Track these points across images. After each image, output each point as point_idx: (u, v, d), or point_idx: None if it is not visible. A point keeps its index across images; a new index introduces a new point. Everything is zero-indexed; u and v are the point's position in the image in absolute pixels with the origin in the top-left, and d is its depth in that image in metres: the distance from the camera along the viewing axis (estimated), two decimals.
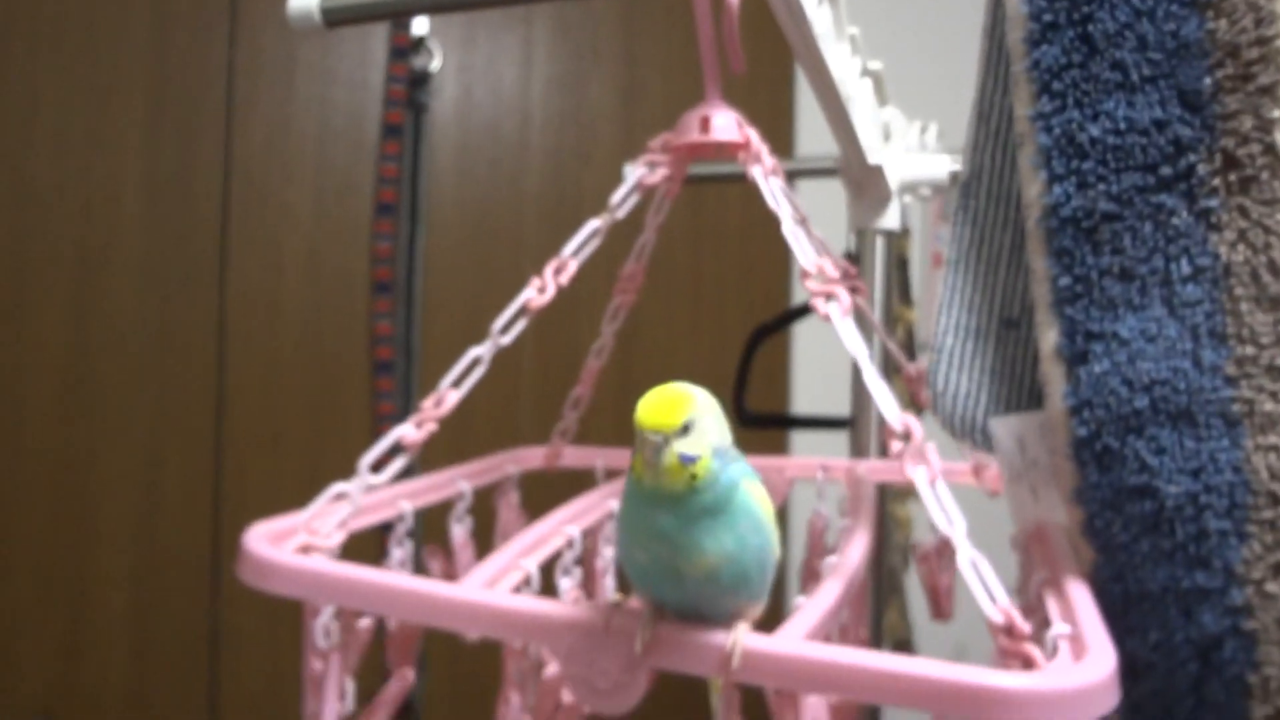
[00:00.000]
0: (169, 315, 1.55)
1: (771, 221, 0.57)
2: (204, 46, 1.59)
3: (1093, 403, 0.52)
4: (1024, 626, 0.43)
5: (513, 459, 0.82)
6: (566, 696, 0.61)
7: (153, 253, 1.54)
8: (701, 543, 0.41)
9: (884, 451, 0.92)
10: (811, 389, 1.95)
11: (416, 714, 0.97)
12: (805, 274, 0.54)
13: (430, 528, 0.84)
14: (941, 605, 0.87)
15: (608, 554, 0.72)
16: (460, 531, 0.76)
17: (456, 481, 0.74)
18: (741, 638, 0.41)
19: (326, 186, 1.63)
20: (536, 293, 0.60)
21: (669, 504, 0.41)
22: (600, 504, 0.70)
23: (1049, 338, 0.54)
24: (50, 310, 1.49)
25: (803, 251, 0.55)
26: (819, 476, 0.83)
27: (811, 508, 0.82)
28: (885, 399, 0.49)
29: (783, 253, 1.95)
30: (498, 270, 1.72)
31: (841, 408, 1.00)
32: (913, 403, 0.79)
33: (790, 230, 0.55)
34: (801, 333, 1.97)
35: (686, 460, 0.40)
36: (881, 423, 0.91)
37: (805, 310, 1.20)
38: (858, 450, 0.92)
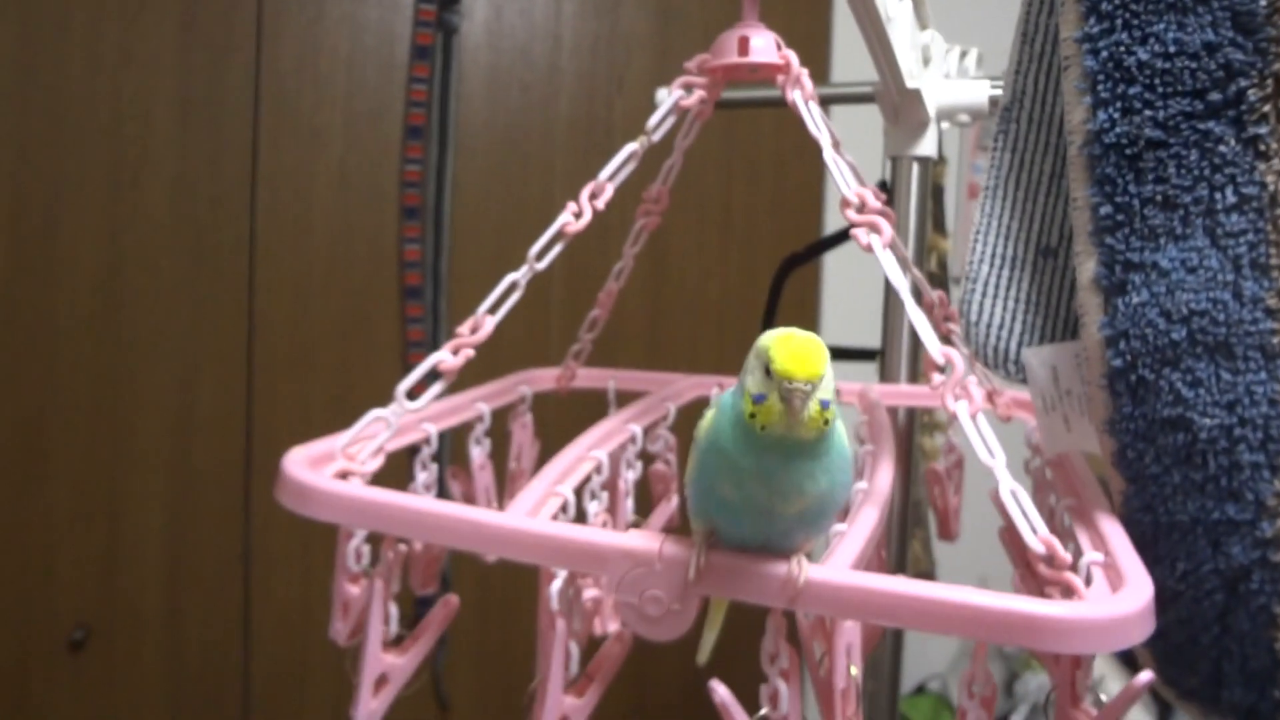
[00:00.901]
0: (200, 236, 1.56)
1: (805, 150, 0.56)
2: None
3: (1129, 334, 0.51)
4: (1065, 556, 0.43)
5: (525, 379, 0.82)
6: (610, 624, 0.62)
7: (184, 173, 1.55)
8: (803, 485, 0.41)
9: (913, 383, 0.92)
10: (840, 320, 1.95)
11: (441, 636, 0.99)
12: (845, 203, 0.53)
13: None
14: (949, 525, 0.88)
15: (630, 477, 0.73)
16: (479, 453, 0.77)
17: (476, 404, 0.74)
18: (806, 567, 0.41)
19: (357, 108, 1.63)
20: (573, 217, 0.59)
21: (783, 448, 0.40)
22: (621, 429, 0.70)
23: (1087, 267, 0.53)
24: (82, 231, 1.50)
25: (844, 179, 0.54)
26: None
27: None
28: (926, 330, 0.49)
29: (816, 182, 1.93)
30: (528, 196, 1.71)
31: (869, 339, 0.99)
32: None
33: (831, 157, 0.54)
34: (831, 264, 1.95)
35: (826, 407, 0.39)
36: (912, 355, 0.91)
37: (836, 241, 1.18)
38: (887, 382, 0.92)
